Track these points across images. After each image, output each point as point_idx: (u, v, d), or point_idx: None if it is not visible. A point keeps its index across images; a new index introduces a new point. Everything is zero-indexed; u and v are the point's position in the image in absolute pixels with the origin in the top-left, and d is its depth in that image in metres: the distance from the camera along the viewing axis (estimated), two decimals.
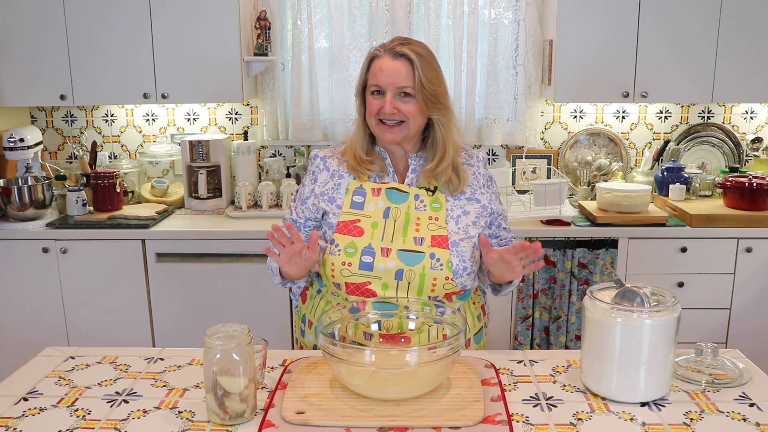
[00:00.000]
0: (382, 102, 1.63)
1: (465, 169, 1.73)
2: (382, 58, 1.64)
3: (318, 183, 1.75)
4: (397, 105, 1.63)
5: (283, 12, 3.31)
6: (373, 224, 1.67)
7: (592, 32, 3.02)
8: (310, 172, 1.80)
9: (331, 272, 1.65)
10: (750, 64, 3.02)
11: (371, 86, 1.65)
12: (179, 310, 3.00)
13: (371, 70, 1.66)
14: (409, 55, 1.62)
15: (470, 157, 1.79)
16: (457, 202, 1.72)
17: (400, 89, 1.62)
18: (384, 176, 1.73)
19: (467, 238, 1.67)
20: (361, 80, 1.69)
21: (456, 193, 1.71)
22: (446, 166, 1.68)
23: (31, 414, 1.39)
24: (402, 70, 1.62)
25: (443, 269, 1.63)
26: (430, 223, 1.67)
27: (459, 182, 1.70)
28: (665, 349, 1.40)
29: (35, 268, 2.98)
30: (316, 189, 1.75)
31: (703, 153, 3.43)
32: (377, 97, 1.65)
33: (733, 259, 2.91)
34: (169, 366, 1.61)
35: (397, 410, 1.35)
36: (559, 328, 2.99)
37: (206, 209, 3.28)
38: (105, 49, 3.04)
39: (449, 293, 1.66)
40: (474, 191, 1.74)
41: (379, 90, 1.64)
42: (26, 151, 3.11)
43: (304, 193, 1.77)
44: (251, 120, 3.49)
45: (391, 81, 1.62)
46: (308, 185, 1.78)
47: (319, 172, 1.77)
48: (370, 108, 1.66)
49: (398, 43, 1.64)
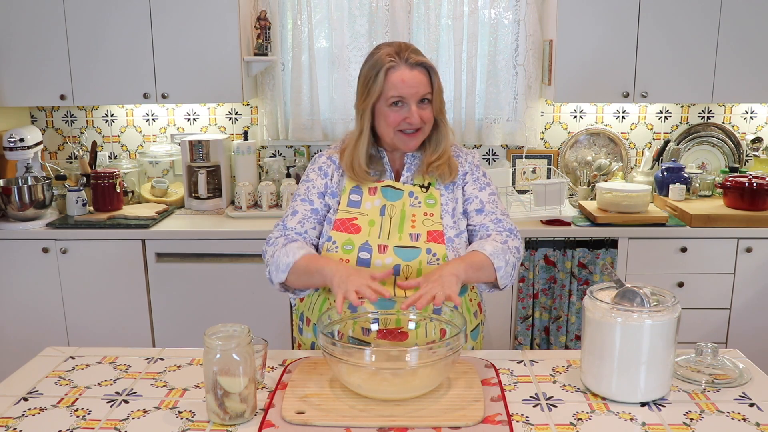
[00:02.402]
0: (404, 113, 1.65)
1: (455, 160, 1.78)
2: (400, 69, 1.64)
3: (329, 177, 1.76)
4: (419, 113, 1.66)
5: (283, 12, 3.31)
6: (370, 222, 1.69)
7: (592, 32, 3.02)
8: (316, 168, 1.79)
9: None
10: (750, 64, 3.02)
11: (392, 98, 1.65)
12: (179, 310, 3.00)
13: (390, 82, 1.64)
14: (426, 63, 1.67)
15: (459, 150, 1.84)
16: (450, 195, 1.75)
17: (423, 96, 1.66)
18: (382, 176, 1.75)
19: (460, 233, 1.72)
20: (375, 92, 1.65)
21: (447, 182, 1.75)
22: (446, 159, 1.73)
23: (31, 414, 1.39)
24: (423, 79, 1.66)
25: (440, 263, 1.65)
26: (425, 219, 1.70)
27: (450, 172, 1.74)
28: (665, 349, 1.40)
29: (35, 268, 2.98)
30: (328, 183, 1.76)
31: (703, 153, 3.43)
32: (397, 109, 1.65)
33: (733, 259, 2.91)
34: (169, 366, 1.61)
35: (397, 410, 1.35)
36: (559, 328, 2.99)
37: (206, 209, 3.28)
38: (105, 49, 3.04)
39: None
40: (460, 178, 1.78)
41: (400, 101, 1.65)
42: (26, 151, 3.11)
43: (318, 187, 1.76)
44: (251, 120, 3.49)
45: (415, 91, 1.64)
46: (319, 179, 1.77)
47: (327, 167, 1.78)
48: (389, 120, 1.66)
49: (409, 51, 1.66)
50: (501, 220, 1.75)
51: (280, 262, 1.63)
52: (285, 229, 1.73)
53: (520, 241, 1.74)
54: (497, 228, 1.73)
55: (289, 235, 1.72)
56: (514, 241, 1.70)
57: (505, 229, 1.73)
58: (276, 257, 1.65)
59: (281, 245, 1.67)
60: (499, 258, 1.62)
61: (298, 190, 1.80)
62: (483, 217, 1.74)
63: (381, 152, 1.76)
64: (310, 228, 1.73)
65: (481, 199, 1.76)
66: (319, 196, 1.75)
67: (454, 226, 1.71)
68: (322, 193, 1.76)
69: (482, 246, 1.63)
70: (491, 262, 1.60)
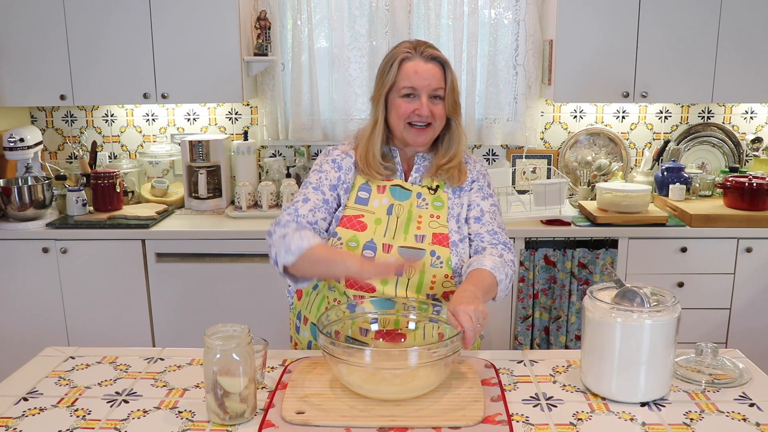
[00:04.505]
0: (415, 104, 1.65)
1: (464, 166, 1.78)
2: (414, 60, 1.65)
3: (343, 170, 1.74)
4: (429, 107, 1.66)
5: (283, 12, 3.31)
6: (377, 220, 1.69)
7: (592, 32, 3.02)
8: (330, 159, 1.76)
9: None
10: (750, 64, 3.02)
11: (403, 88, 1.65)
12: (179, 310, 3.00)
13: (403, 72, 1.65)
14: (441, 58, 1.67)
15: (468, 157, 1.83)
16: (457, 200, 1.74)
17: (434, 91, 1.66)
18: (392, 174, 1.74)
19: (464, 239, 1.71)
20: (389, 82, 1.67)
21: (456, 186, 1.74)
22: (456, 163, 1.73)
23: (31, 414, 1.39)
24: (436, 72, 1.66)
25: (443, 267, 1.65)
26: (432, 221, 1.69)
27: (459, 176, 1.74)
28: (665, 349, 1.40)
29: (35, 268, 2.98)
30: (342, 176, 1.74)
31: (703, 153, 3.43)
32: (409, 100, 1.66)
33: (733, 259, 2.91)
34: (169, 366, 1.61)
35: (397, 410, 1.35)
36: (559, 328, 2.99)
37: (206, 209, 3.28)
38: (105, 49, 3.04)
39: (447, 291, 1.68)
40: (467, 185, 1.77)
41: (412, 93, 1.65)
42: (26, 151, 3.11)
43: (331, 179, 1.73)
44: (251, 120, 3.49)
45: (427, 83, 1.65)
46: (333, 172, 1.74)
47: (341, 160, 1.76)
48: (400, 111, 1.66)
49: (426, 46, 1.68)
50: (497, 233, 1.74)
51: (292, 245, 1.55)
52: (297, 215, 1.68)
53: (515, 255, 1.74)
54: (492, 240, 1.72)
55: (301, 221, 1.67)
56: (509, 255, 1.71)
57: (500, 242, 1.73)
58: (288, 239, 1.57)
59: (294, 229, 1.61)
60: (500, 272, 1.61)
61: (309, 178, 1.76)
62: (480, 226, 1.74)
63: (393, 151, 1.76)
64: (321, 218, 1.69)
65: (482, 208, 1.75)
66: (331, 188, 1.73)
67: (458, 231, 1.71)
68: (334, 186, 1.73)
69: (482, 262, 1.62)
70: (495, 277, 1.60)
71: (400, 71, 1.65)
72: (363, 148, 1.72)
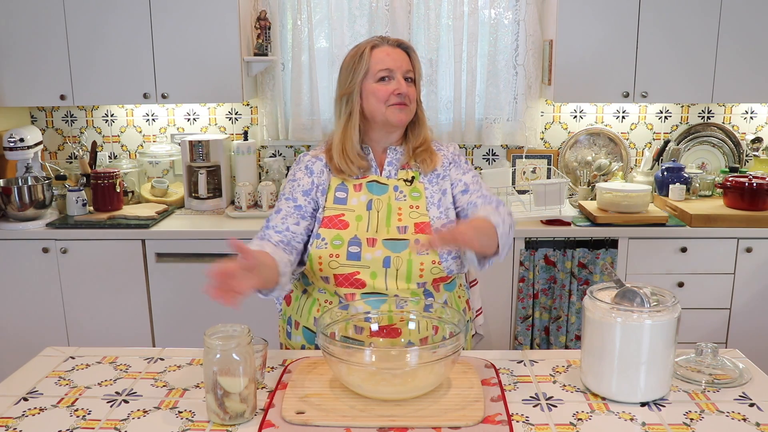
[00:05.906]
0: (393, 85, 1.69)
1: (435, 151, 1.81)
2: (383, 46, 1.72)
3: (315, 174, 1.76)
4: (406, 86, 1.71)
5: (283, 12, 3.31)
6: (358, 217, 1.70)
7: (592, 32, 3.02)
8: (302, 167, 1.79)
9: (319, 266, 1.67)
10: (750, 64, 3.02)
11: (379, 72, 1.69)
12: (179, 310, 3.00)
13: (375, 57, 1.70)
14: (406, 45, 1.75)
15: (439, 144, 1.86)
16: (435, 187, 1.76)
17: (406, 73, 1.71)
18: (367, 171, 1.75)
19: (449, 222, 1.73)
20: (362, 70, 1.70)
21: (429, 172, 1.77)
22: (427, 146, 1.78)
23: (31, 414, 1.39)
24: (405, 57, 1.73)
25: (429, 253, 1.66)
26: (412, 212, 1.72)
27: (431, 160, 1.77)
28: (665, 349, 1.39)
29: (35, 268, 2.98)
30: (315, 180, 1.75)
31: (703, 153, 3.43)
32: (385, 83, 1.70)
33: (733, 259, 2.91)
34: (169, 366, 1.61)
35: (397, 410, 1.35)
36: (559, 328, 2.99)
37: (206, 209, 3.28)
38: (105, 49, 3.04)
39: (437, 279, 1.69)
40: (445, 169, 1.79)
41: (388, 75, 1.69)
42: (26, 151, 3.11)
43: (303, 185, 1.75)
44: (251, 120, 3.49)
45: (400, 65, 1.71)
46: (305, 178, 1.76)
47: (312, 164, 1.78)
48: (380, 94, 1.69)
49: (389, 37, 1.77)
50: (487, 196, 1.77)
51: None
52: (266, 228, 1.72)
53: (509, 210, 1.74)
54: (485, 201, 1.75)
55: (267, 233, 1.70)
56: (504, 208, 1.71)
57: (493, 200, 1.75)
58: None
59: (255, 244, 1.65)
60: (495, 216, 1.61)
61: (283, 190, 1.80)
62: (469, 195, 1.77)
63: (366, 149, 1.77)
64: (292, 224, 1.71)
65: (465, 182, 1.78)
66: (304, 194, 1.74)
67: (440, 217, 1.72)
68: (307, 191, 1.74)
69: (475, 213, 1.67)
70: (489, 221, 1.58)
71: (372, 57, 1.70)
72: (339, 144, 1.73)
